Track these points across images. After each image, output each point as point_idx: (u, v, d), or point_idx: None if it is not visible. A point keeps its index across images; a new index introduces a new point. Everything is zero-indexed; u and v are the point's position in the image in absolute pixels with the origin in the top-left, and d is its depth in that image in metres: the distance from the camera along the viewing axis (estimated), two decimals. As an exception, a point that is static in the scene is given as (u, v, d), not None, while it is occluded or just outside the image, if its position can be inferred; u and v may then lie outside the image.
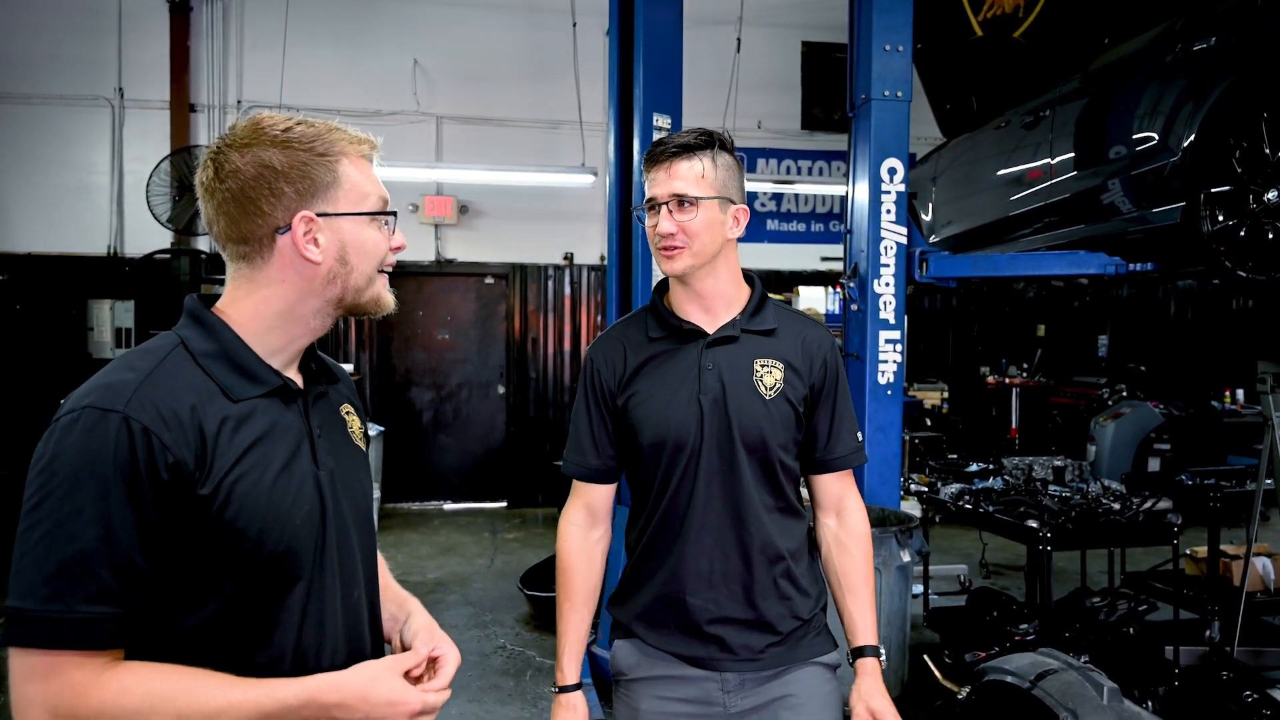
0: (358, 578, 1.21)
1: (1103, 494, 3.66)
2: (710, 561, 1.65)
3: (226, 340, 1.12)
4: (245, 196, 1.11)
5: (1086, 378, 8.53)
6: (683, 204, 1.61)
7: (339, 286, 1.16)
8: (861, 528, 1.76)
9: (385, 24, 7.90)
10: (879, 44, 3.39)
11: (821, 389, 1.71)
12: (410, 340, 8.25)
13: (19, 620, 0.97)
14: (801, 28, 8.39)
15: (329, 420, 1.23)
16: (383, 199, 1.19)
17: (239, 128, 1.14)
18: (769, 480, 1.66)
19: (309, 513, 1.12)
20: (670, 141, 1.65)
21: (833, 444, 1.73)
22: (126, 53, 7.56)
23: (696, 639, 1.67)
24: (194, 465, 1.03)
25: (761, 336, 1.69)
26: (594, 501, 1.77)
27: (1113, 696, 2.38)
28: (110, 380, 1.04)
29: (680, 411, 1.64)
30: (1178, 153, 2.80)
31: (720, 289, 1.69)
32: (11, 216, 7.49)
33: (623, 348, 1.73)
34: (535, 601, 5.13)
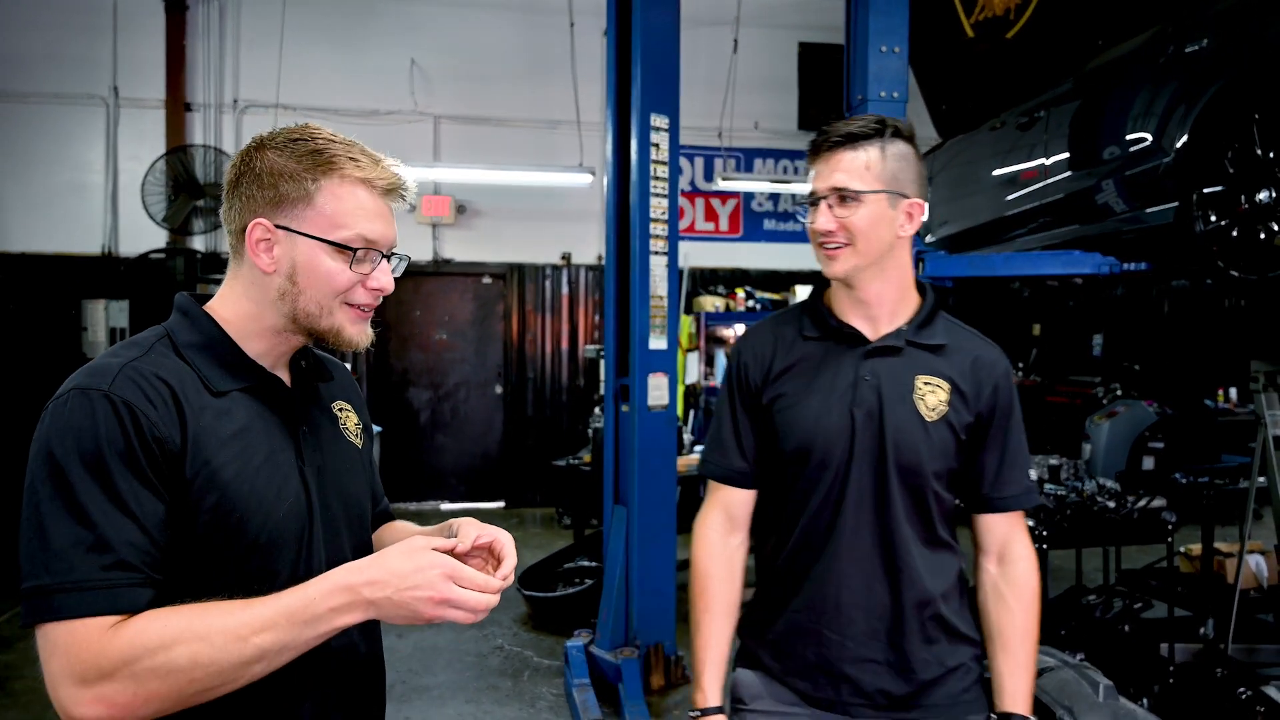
0: None
1: (1098, 492, 3.68)
2: (852, 594, 1.49)
3: (210, 333, 1.14)
4: (233, 190, 1.15)
5: (1081, 376, 8.56)
6: (844, 199, 1.46)
7: (289, 305, 1.14)
8: (1026, 578, 1.55)
9: (382, 23, 7.90)
10: (875, 45, 3.40)
11: (991, 418, 1.52)
12: (408, 340, 8.26)
13: (36, 596, 0.97)
14: (798, 28, 8.40)
15: (317, 417, 1.23)
16: (364, 237, 1.13)
17: (279, 128, 1.17)
18: (919, 510, 1.50)
19: (293, 506, 1.12)
20: (835, 129, 1.48)
21: (1001, 481, 1.54)
22: (122, 51, 7.55)
23: (826, 677, 1.51)
24: (180, 443, 1.04)
25: (928, 351, 1.52)
26: (733, 506, 1.62)
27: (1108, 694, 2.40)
28: (94, 366, 1.07)
29: (830, 422, 1.49)
30: (1170, 153, 2.83)
31: (886, 294, 1.52)
32: (5, 216, 7.48)
33: (773, 344, 1.59)
34: (533, 602, 5.14)
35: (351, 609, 1.01)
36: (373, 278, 1.15)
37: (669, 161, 4.14)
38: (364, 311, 1.17)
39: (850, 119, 1.50)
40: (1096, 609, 3.81)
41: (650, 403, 4.11)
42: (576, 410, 8.34)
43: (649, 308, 4.11)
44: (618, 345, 4.26)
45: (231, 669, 0.98)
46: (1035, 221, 3.83)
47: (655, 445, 4.14)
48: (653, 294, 4.13)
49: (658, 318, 4.15)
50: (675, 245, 4.24)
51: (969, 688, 1.53)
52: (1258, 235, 2.64)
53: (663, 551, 4.17)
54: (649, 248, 4.10)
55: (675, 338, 4.35)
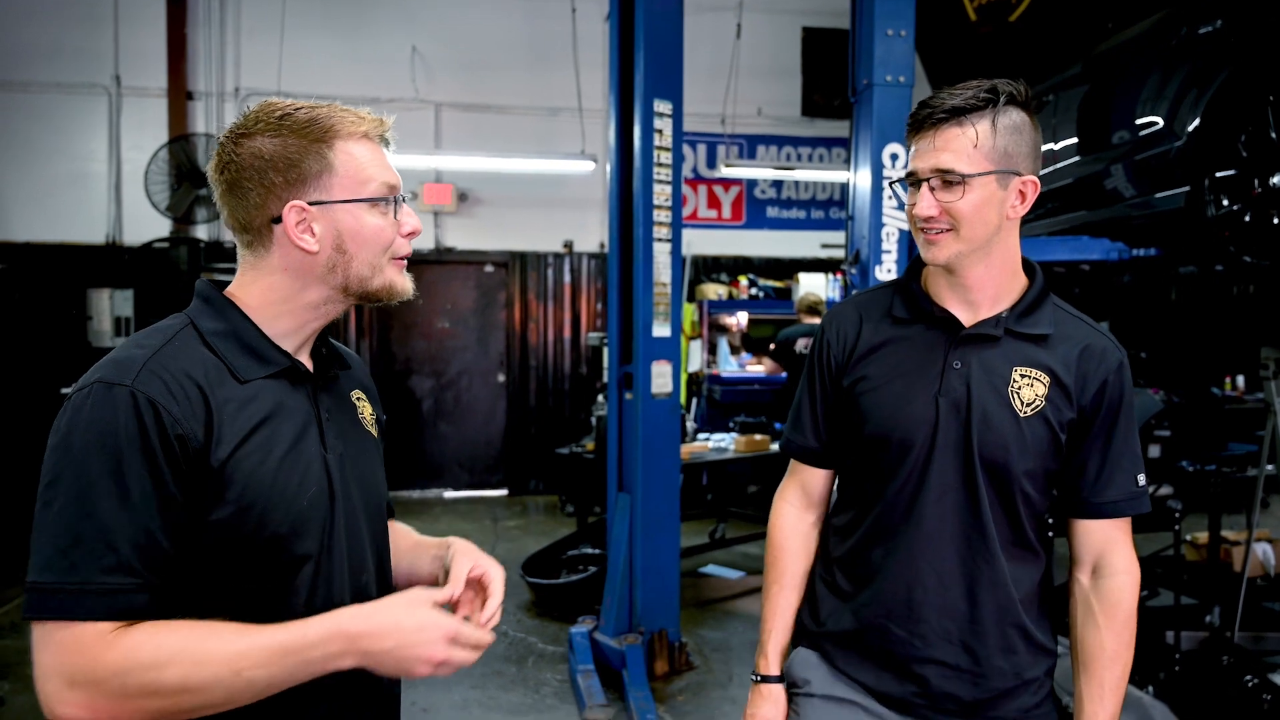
0: (366, 563, 1.20)
1: (1104, 480, 3.66)
2: (926, 591, 1.41)
3: (235, 320, 1.12)
4: (240, 187, 1.11)
5: (1087, 364, 8.52)
6: (949, 182, 1.33)
7: (341, 275, 1.13)
8: (1120, 595, 1.42)
9: (383, 10, 7.86)
10: (881, 29, 3.37)
11: (1096, 414, 1.40)
12: (410, 328, 8.25)
13: (37, 593, 0.97)
14: (801, 14, 8.34)
15: (339, 405, 1.22)
16: (388, 183, 1.15)
17: (246, 115, 1.13)
18: (1006, 510, 1.40)
19: (316, 494, 1.12)
20: (940, 103, 1.34)
21: (1103, 483, 1.42)
22: (123, 40, 7.52)
23: (893, 674, 1.44)
24: (202, 439, 1.03)
25: (1029, 342, 1.40)
26: (810, 484, 1.59)
27: (1115, 681, 2.39)
28: (119, 357, 1.05)
29: (914, 409, 1.40)
30: (1182, 137, 2.79)
31: (990, 278, 1.40)
32: (9, 206, 7.47)
33: (858, 322, 1.50)
34: (536, 589, 5.14)
35: (346, 656, 1.02)
36: (405, 222, 1.17)
37: (672, 148, 4.12)
38: (403, 260, 1.19)
39: (957, 88, 1.34)
40: (1102, 596, 3.80)
41: (654, 390, 4.09)
42: (579, 398, 8.33)
43: (652, 295, 4.09)
44: (621, 333, 4.24)
45: (220, 698, 0.99)
46: (1043, 207, 3.80)
47: (659, 432, 4.13)
48: (656, 281, 4.11)
49: (661, 305, 4.13)
50: (679, 232, 4.21)
51: (1041, 703, 1.45)
52: (1271, 220, 2.61)
53: (666, 538, 4.17)
54: (652, 235, 4.08)
55: (679, 325, 4.33)
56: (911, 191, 1.38)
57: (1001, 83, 1.35)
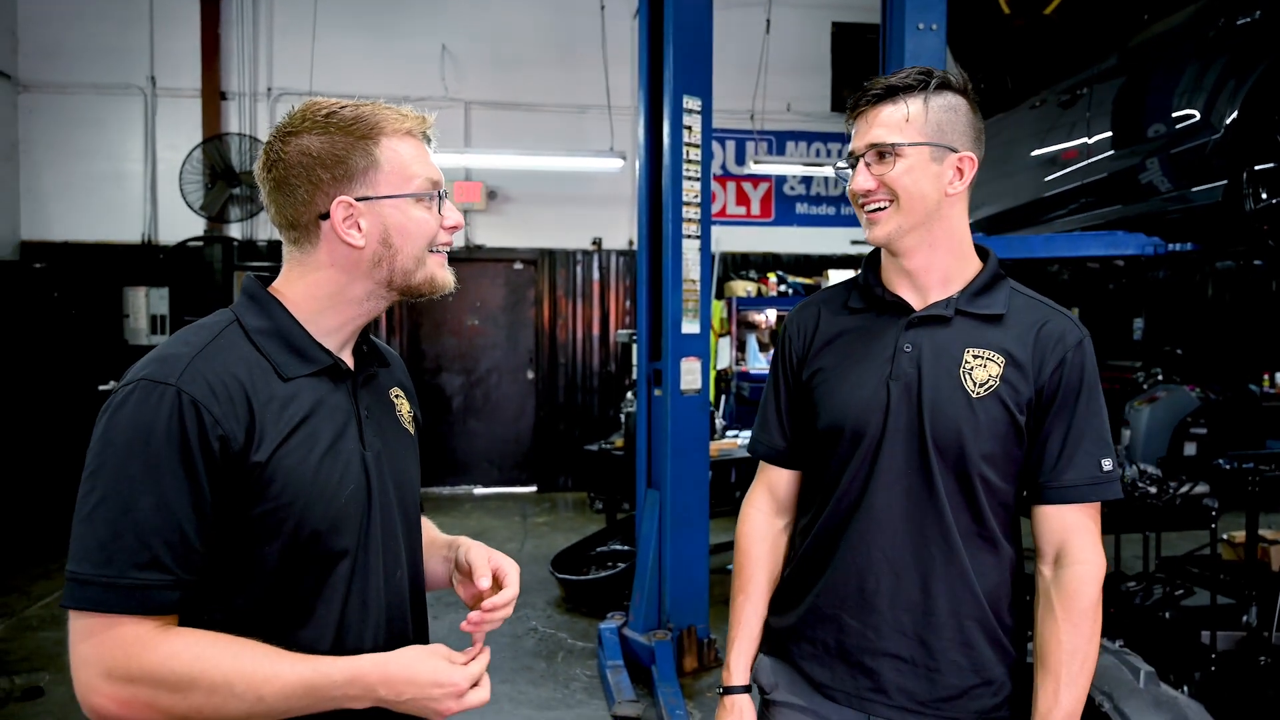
0: (401, 559, 1.22)
1: (1139, 478, 3.61)
2: (879, 580, 1.38)
3: (280, 318, 1.14)
4: (288, 184, 1.13)
5: (1121, 361, 8.41)
6: (883, 155, 1.34)
7: (386, 269, 1.15)
8: (1079, 585, 1.35)
9: (414, 9, 7.93)
10: (912, 23, 3.34)
11: (1055, 395, 1.36)
12: (440, 326, 8.31)
13: (75, 583, 1.00)
14: (831, 8, 8.30)
15: (378, 402, 1.24)
16: (431, 179, 1.17)
17: (292, 113, 1.16)
18: (965, 496, 1.36)
19: (355, 491, 1.13)
20: (873, 84, 1.37)
21: (1063, 466, 1.36)
22: (158, 41, 7.65)
23: (846, 668, 1.42)
24: (244, 439, 1.05)
25: (982, 321, 1.38)
26: (778, 486, 1.56)
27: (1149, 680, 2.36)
28: (165, 354, 1.07)
29: (863, 396, 1.39)
30: (1220, 130, 2.75)
31: (937, 260, 1.39)
32: (47, 205, 7.63)
33: (817, 317, 1.50)
34: (566, 585, 5.17)
35: (363, 700, 1.07)
36: (447, 215, 1.20)
37: (702, 144, 4.12)
38: (444, 253, 1.21)
39: (898, 71, 1.39)
40: (1136, 596, 3.75)
41: (683, 387, 4.10)
42: (607, 395, 8.35)
43: (681, 292, 4.09)
44: (650, 330, 4.25)
45: (238, 713, 1.02)
46: (1076, 202, 3.76)
47: (688, 429, 4.14)
48: (685, 278, 4.11)
49: (690, 302, 4.14)
50: (708, 229, 4.21)
51: (1002, 704, 1.39)
52: (1311, 213, 2.57)
53: (695, 535, 4.18)
54: (682, 231, 4.08)
55: (708, 322, 4.33)
56: (851, 174, 1.40)
57: (936, 70, 1.38)
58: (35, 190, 7.61)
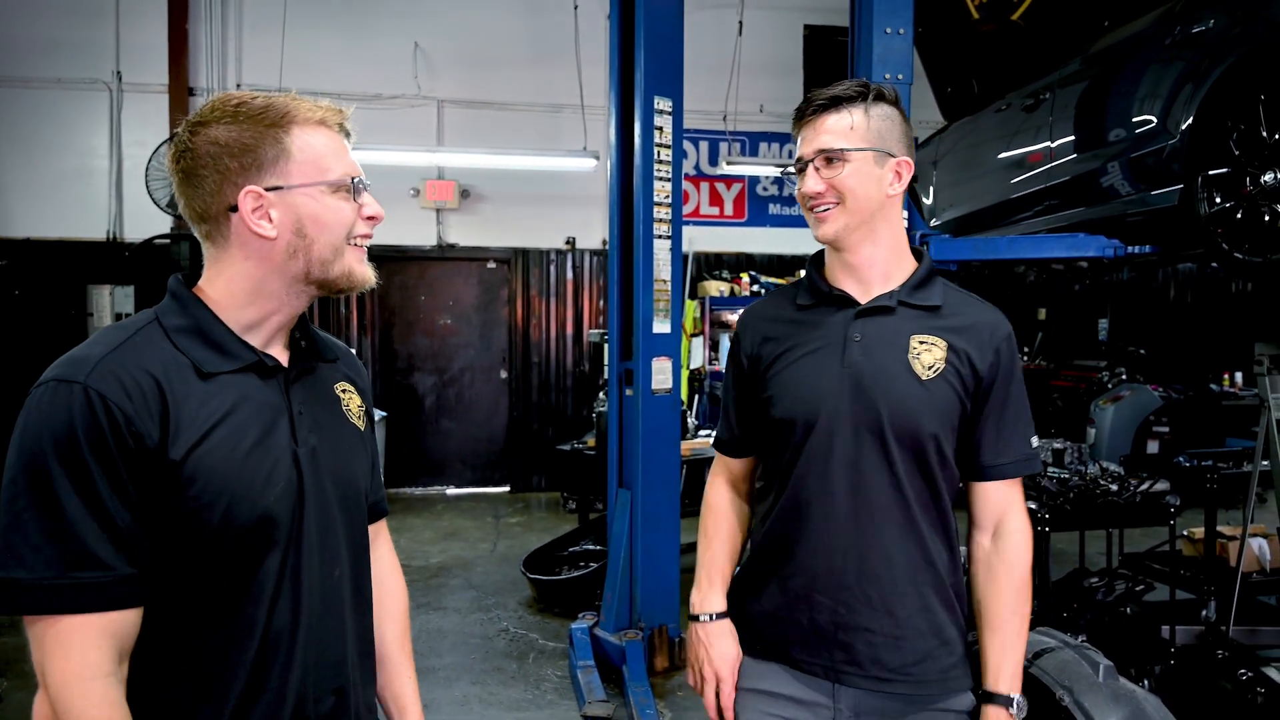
0: (339, 556, 1.20)
1: (1101, 476, 3.68)
2: (844, 557, 1.46)
3: (199, 316, 1.13)
4: (196, 175, 1.11)
5: (1087, 361, 8.55)
6: (831, 160, 1.45)
7: (302, 261, 1.13)
8: (1017, 554, 1.49)
9: (386, 7, 7.87)
10: (880, 26, 3.38)
11: (993, 382, 1.47)
12: (412, 325, 8.27)
13: (15, 589, 0.99)
14: (803, 10, 8.35)
15: (316, 397, 1.22)
16: (345, 170, 1.15)
17: (203, 106, 1.14)
18: (923, 475, 1.46)
19: (284, 489, 1.12)
20: (818, 95, 1.48)
21: (1003, 446, 1.49)
22: (124, 36, 7.54)
23: (821, 644, 1.48)
24: (159, 436, 1.04)
25: (923, 311, 1.49)
26: (735, 470, 1.68)
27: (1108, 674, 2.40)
28: (77, 355, 1.07)
29: (818, 385, 1.47)
30: (1176, 135, 2.81)
31: (878, 256, 1.50)
32: (10, 201, 7.49)
33: (767, 314, 1.61)
34: (538, 585, 5.17)
35: None
36: (366, 206, 1.18)
37: (673, 145, 4.13)
38: (362, 247, 1.19)
39: (837, 84, 1.49)
40: (1099, 591, 3.82)
41: (654, 386, 4.11)
42: (581, 395, 8.35)
43: (653, 292, 4.11)
44: (621, 329, 4.26)
45: None
46: (1041, 204, 3.82)
47: (659, 429, 4.15)
48: (656, 278, 4.13)
49: (661, 302, 4.15)
50: (679, 229, 4.23)
51: (957, 663, 1.50)
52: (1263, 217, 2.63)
53: (666, 535, 4.19)
54: (653, 231, 4.10)
55: (679, 322, 4.35)
56: (800, 178, 1.50)
57: (871, 83, 1.51)
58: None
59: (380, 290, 8.12)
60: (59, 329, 7.31)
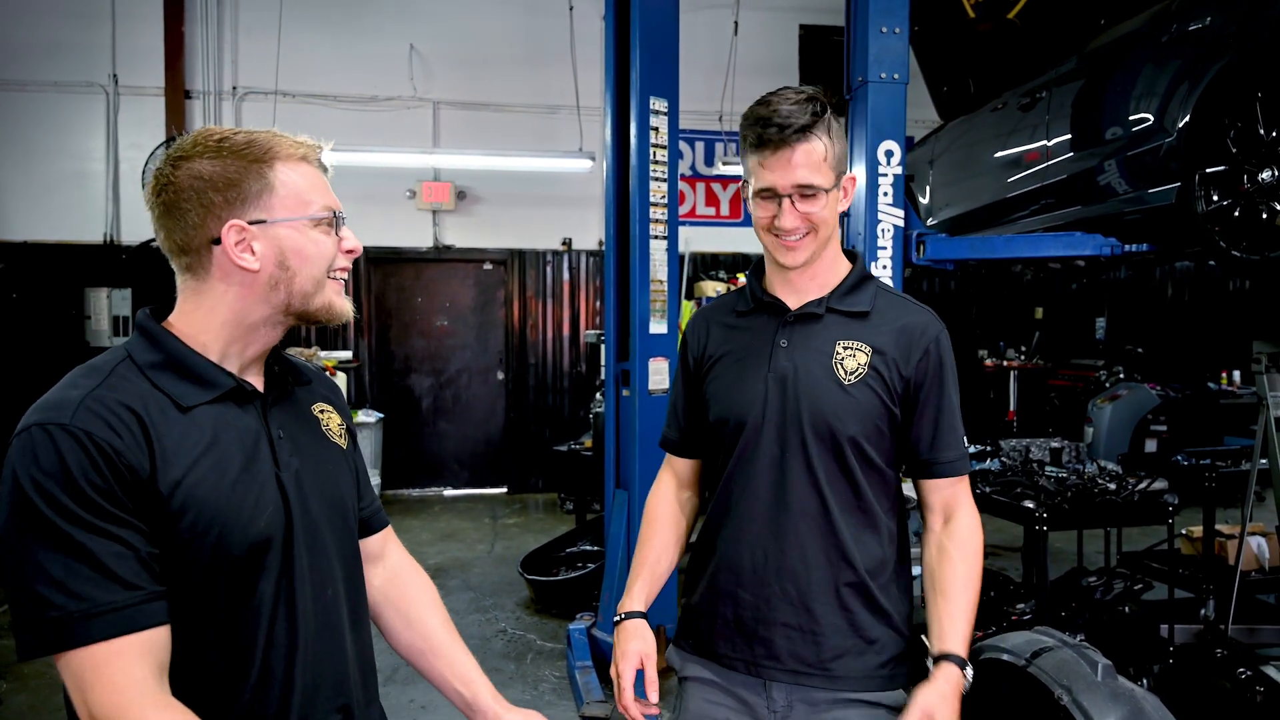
0: (333, 575, 1.21)
1: (1099, 475, 3.68)
2: (765, 554, 1.52)
3: (173, 348, 1.12)
4: (178, 208, 1.11)
5: (1084, 360, 8.55)
6: (805, 194, 1.45)
7: (284, 293, 1.14)
8: (969, 534, 1.54)
9: (381, 8, 7.87)
10: (875, 26, 3.38)
11: (923, 383, 1.51)
12: (409, 327, 8.26)
13: (48, 626, 0.98)
14: (799, 10, 8.36)
15: (294, 420, 1.22)
16: (328, 205, 1.17)
17: (181, 140, 1.15)
18: (844, 476, 1.50)
19: (272, 514, 1.12)
20: (784, 119, 1.42)
21: (941, 446, 1.53)
22: (121, 39, 7.53)
23: (743, 639, 1.54)
24: (149, 469, 1.03)
25: (851, 318, 1.53)
26: (680, 470, 1.74)
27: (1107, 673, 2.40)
28: (54, 398, 1.05)
29: (746, 389, 1.54)
30: (1173, 133, 2.81)
31: (821, 266, 1.55)
32: (7, 205, 7.48)
33: (710, 322, 1.67)
34: (535, 586, 5.16)
35: None
36: (346, 240, 1.20)
37: (668, 145, 4.13)
38: (340, 280, 1.21)
39: (787, 103, 1.44)
40: (1097, 590, 3.82)
41: (651, 387, 4.10)
42: (578, 396, 8.34)
43: (649, 292, 4.10)
44: (618, 330, 4.26)
45: None
46: (1037, 203, 3.82)
47: (656, 429, 4.10)
48: (653, 278, 4.12)
49: (658, 302, 4.15)
50: (675, 229, 4.22)
51: (886, 664, 1.52)
52: (1260, 215, 2.63)
53: (664, 535, 4.18)
54: (649, 232, 4.09)
55: (676, 322, 4.34)
56: (764, 204, 1.49)
57: (817, 92, 1.48)
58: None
59: (377, 292, 8.11)
60: (57, 331, 7.30)
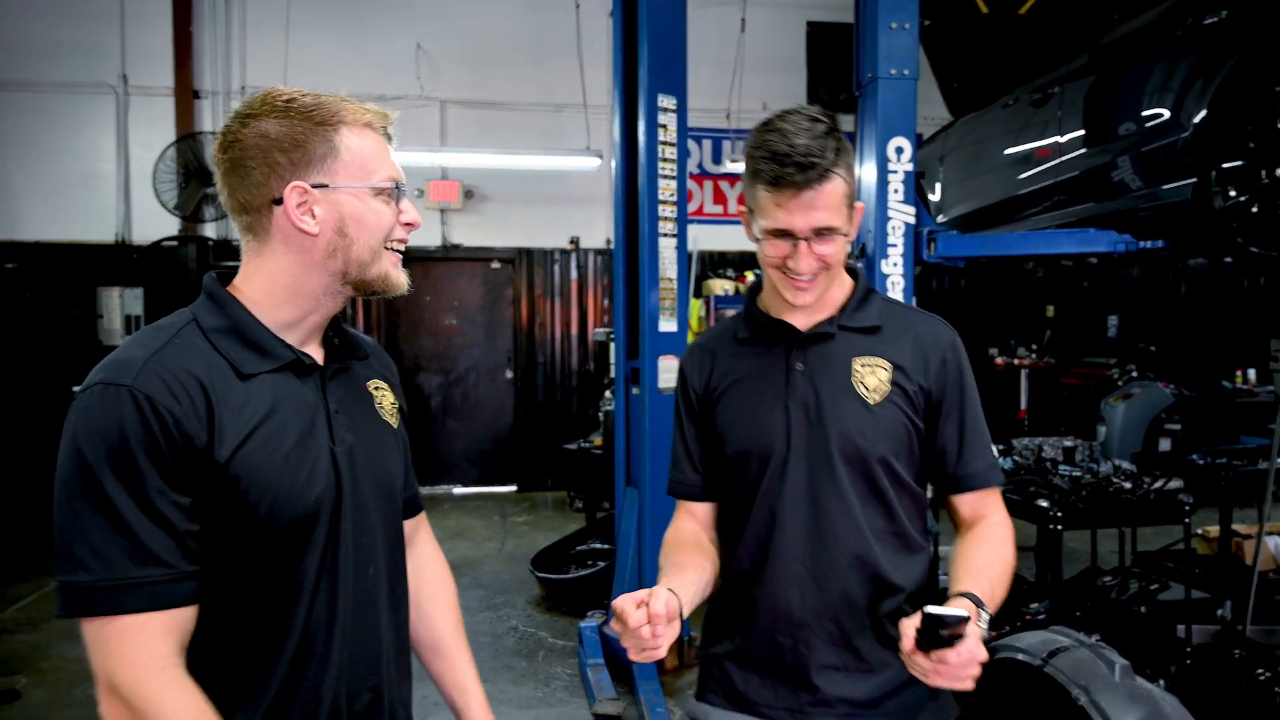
0: (376, 554, 1.21)
1: (1114, 473, 3.64)
2: (802, 593, 1.41)
3: (237, 315, 1.12)
4: (243, 166, 1.11)
5: (1096, 358, 8.49)
6: (821, 234, 1.36)
7: (340, 260, 1.13)
8: (1000, 529, 1.46)
9: (388, 7, 7.87)
10: (885, 22, 3.35)
11: (943, 393, 1.44)
12: (418, 325, 8.27)
13: (75, 591, 1.00)
14: (806, 7, 8.33)
15: (351, 395, 1.22)
16: (391, 175, 1.16)
17: (251, 99, 1.15)
18: (877, 500, 1.42)
19: (324, 490, 1.12)
20: (803, 158, 1.31)
21: (966, 459, 1.45)
22: (129, 39, 7.55)
23: (786, 685, 1.43)
24: (206, 438, 1.04)
25: (862, 334, 1.45)
26: (698, 514, 1.57)
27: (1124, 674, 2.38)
28: (120, 358, 1.06)
29: (765, 418, 1.44)
30: (1188, 128, 2.78)
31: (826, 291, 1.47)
32: (19, 205, 7.51)
33: (710, 353, 1.55)
34: (546, 584, 5.16)
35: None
36: (405, 212, 1.18)
37: (677, 143, 4.11)
38: (398, 253, 1.19)
39: (804, 135, 1.32)
40: (1112, 590, 3.79)
41: (660, 385, 4.09)
42: (586, 394, 8.33)
43: (658, 290, 4.09)
44: (628, 328, 4.24)
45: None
46: (1049, 200, 3.79)
47: (666, 427, 4.09)
48: (662, 276, 4.11)
49: (667, 300, 4.13)
50: (684, 227, 4.21)
51: (937, 694, 1.42)
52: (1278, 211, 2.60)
53: (674, 534, 4.17)
54: (658, 230, 4.08)
55: (685, 320, 4.33)
56: (776, 243, 1.37)
57: (827, 116, 1.36)
58: (6, 190, 7.49)
59: (386, 291, 8.12)
60: (69, 330, 7.33)
